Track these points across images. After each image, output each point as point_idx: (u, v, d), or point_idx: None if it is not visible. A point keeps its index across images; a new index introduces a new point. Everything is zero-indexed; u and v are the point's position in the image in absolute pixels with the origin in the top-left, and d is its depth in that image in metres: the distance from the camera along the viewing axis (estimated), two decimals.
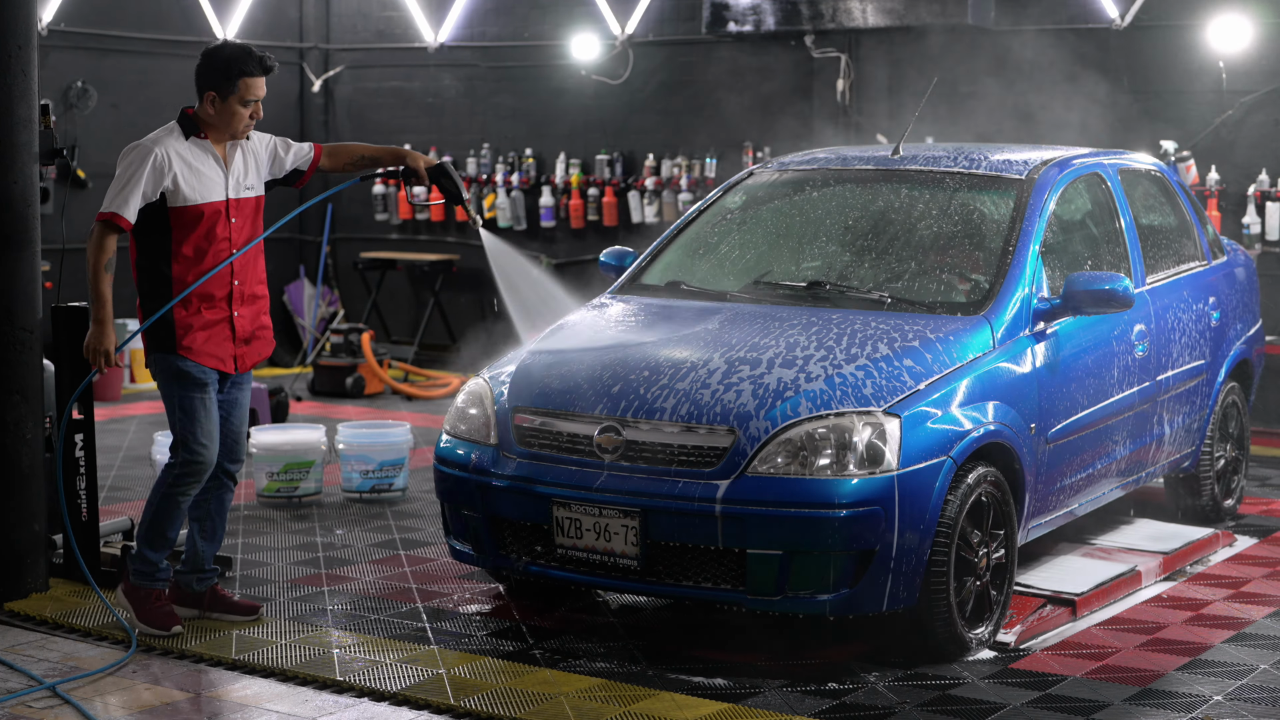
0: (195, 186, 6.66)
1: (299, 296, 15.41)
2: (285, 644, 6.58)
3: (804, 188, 7.97)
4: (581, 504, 6.41)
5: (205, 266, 6.69)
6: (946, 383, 6.48)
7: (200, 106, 6.72)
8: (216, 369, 6.66)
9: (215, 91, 6.67)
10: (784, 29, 12.87)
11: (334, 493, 9.45)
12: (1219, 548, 8.27)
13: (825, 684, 6.15)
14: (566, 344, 7.06)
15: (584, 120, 14.33)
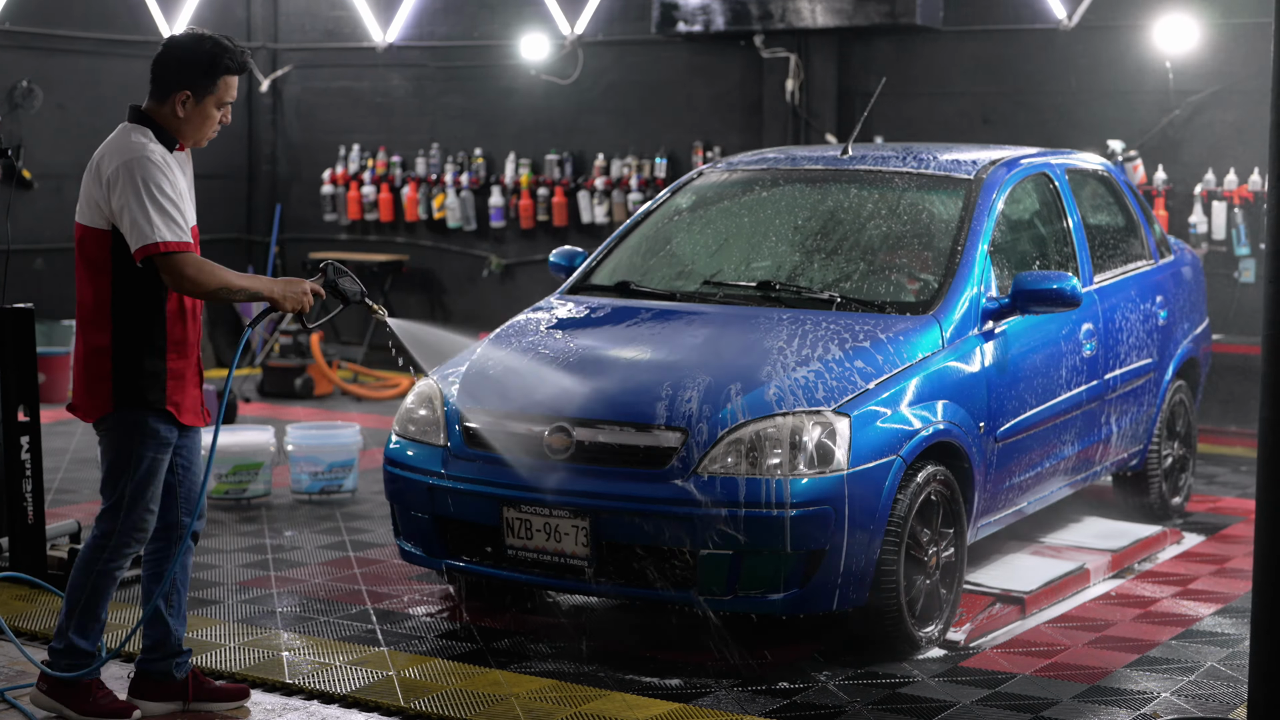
0: (185, 210, 5.56)
1: None
2: (233, 646, 6.55)
3: (753, 187, 7.98)
4: (531, 505, 6.40)
5: (188, 306, 5.67)
6: (896, 382, 6.50)
7: (164, 107, 5.61)
8: (192, 424, 5.75)
9: (190, 91, 5.60)
10: (733, 29, 12.89)
11: (283, 494, 9.41)
12: (1167, 545, 8.32)
13: (776, 683, 6.16)
14: (516, 345, 7.05)
15: (534, 120, 14.31)
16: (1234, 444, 11.19)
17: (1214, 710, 5.92)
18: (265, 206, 15.59)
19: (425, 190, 14.75)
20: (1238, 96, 11.58)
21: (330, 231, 15.41)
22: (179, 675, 5.85)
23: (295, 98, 15.57)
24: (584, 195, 13.87)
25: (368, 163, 15.05)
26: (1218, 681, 6.24)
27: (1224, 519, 8.97)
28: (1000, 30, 12.43)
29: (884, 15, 12.29)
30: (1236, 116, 11.58)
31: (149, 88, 5.66)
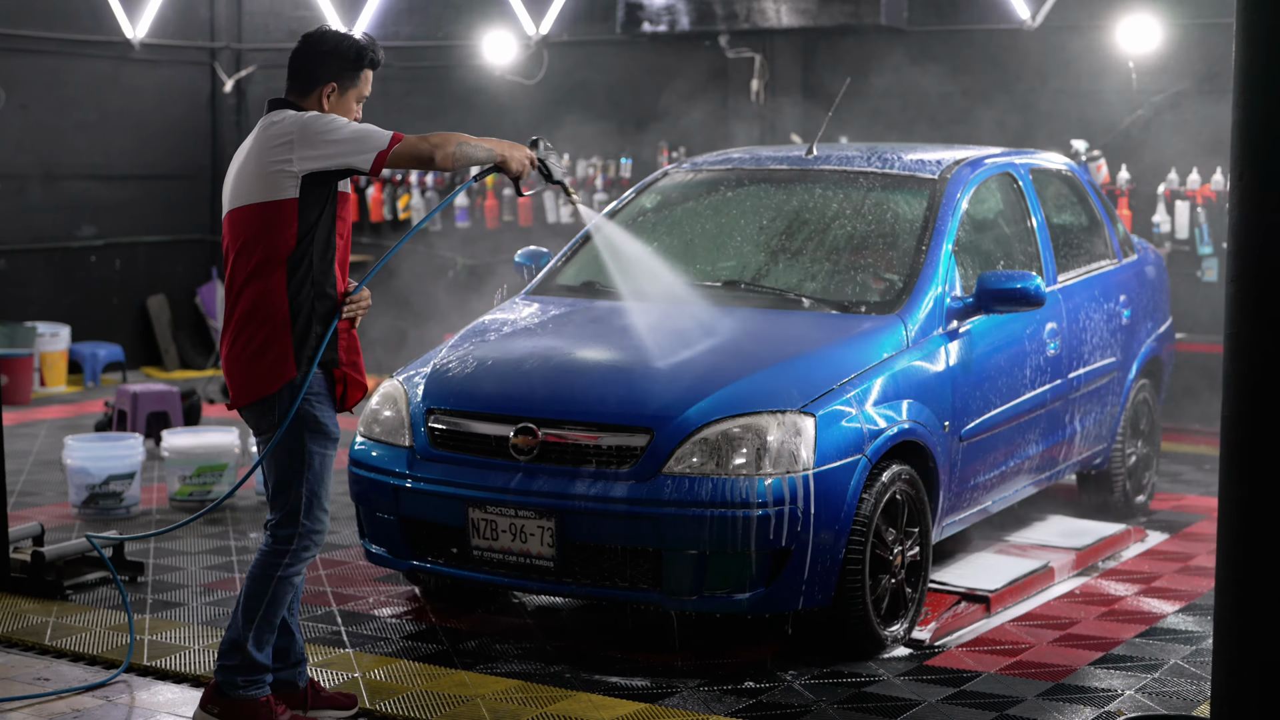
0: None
1: (212, 299, 15.28)
2: (198, 649, 6.52)
3: (719, 188, 7.98)
4: (497, 505, 6.39)
5: (340, 281, 5.67)
6: (861, 381, 6.50)
7: (307, 100, 5.63)
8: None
9: (336, 84, 5.66)
10: (698, 29, 12.89)
11: (248, 496, 9.37)
12: (1131, 543, 8.35)
13: (742, 683, 6.16)
14: (481, 345, 7.04)
15: (498, 120, 14.28)
16: (1197, 442, 11.24)
17: (1178, 707, 5.94)
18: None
19: (390, 191, 14.71)
20: (1200, 97, 11.63)
21: None
22: (300, 684, 5.77)
23: (259, 98, 15.51)
24: (549, 195, 13.85)
25: None
26: (1181, 679, 6.26)
27: (1187, 517, 9.01)
28: (964, 30, 12.47)
29: (848, 15, 12.31)
30: (1199, 116, 11.62)
31: (287, 83, 5.70)
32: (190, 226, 15.43)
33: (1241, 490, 4.07)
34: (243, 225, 5.46)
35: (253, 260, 5.44)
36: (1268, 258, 3.95)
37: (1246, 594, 4.06)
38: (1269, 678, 3.99)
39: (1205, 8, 11.49)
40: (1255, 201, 3.97)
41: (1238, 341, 4.05)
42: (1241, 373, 4.04)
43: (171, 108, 15.25)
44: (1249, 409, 4.02)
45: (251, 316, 5.45)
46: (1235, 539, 4.08)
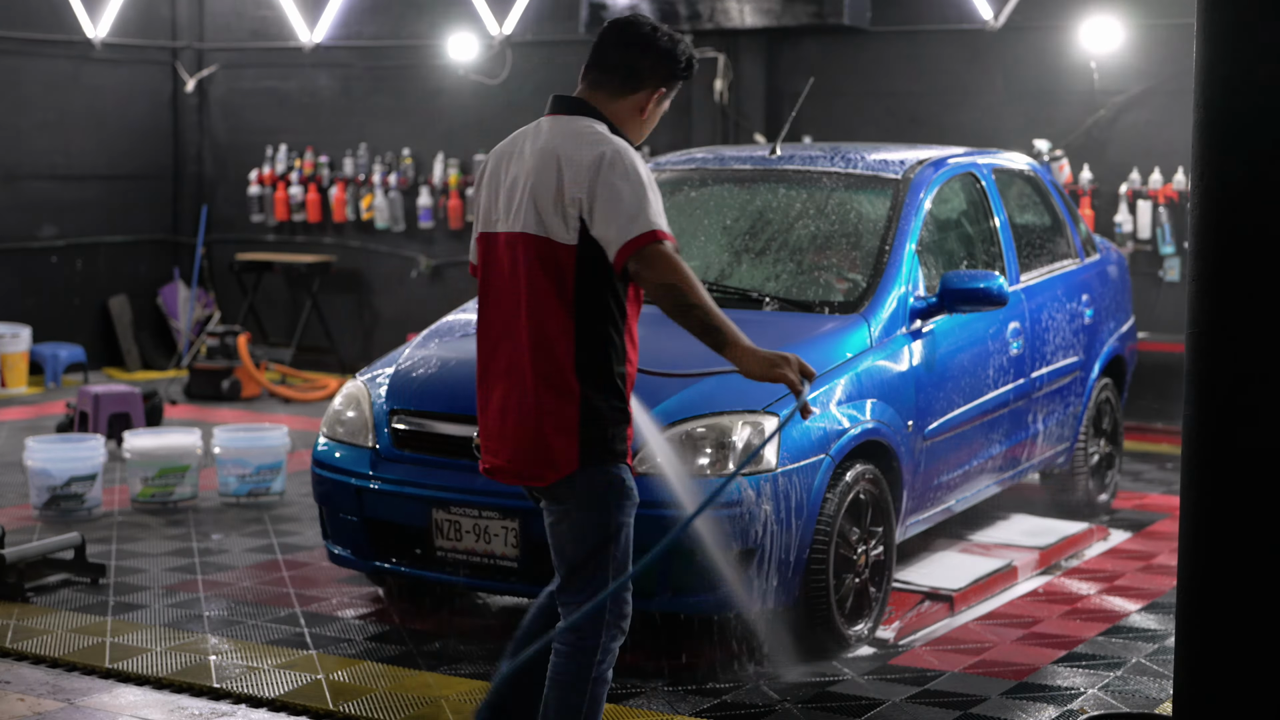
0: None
1: (174, 299, 15.22)
2: (160, 651, 6.49)
3: (682, 187, 7.98)
4: (461, 506, 6.38)
5: (632, 331, 4.85)
6: (824, 381, 6.51)
7: (626, 101, 4.85)
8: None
9: (665, 88, 4.87)
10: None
11: (210, 497, 9.34)
12: (1094, 542, 8.38)
13: (706, 683, 6.16)
14: (444, 345, 7.02)
15: (462, 120, 14.27)
16: (1160, 441, 11.28)
17: (1140, 705, 5.96)
18: (191, 208, 15.47)
19: (353, 191, 14.68)
20: (1162, 97, 11.68)
21: (257, 232, 15.31)
22: None
23: (221, 98, 15.46)
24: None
25: (295, 163, 14.96)
26: (1144, 677, 6.28)
27: (1150, 515, 9.04)
28: (927, 31, 12.49)
29: (812, 15, 12.32)
30: (1160, 116, 11.67)
31: (599, 77, 4.89)
32: (152, 227, 15.36)
33: (1203, 488, 4.08)
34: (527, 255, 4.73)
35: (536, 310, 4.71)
36: (1228, 257, 3.97)
37: (1208, 592, 4.07)
38: (1230, 676, 4.00)
39: (1166, 8, 11.54)
40: (1216, 201, 3.99)
41: (1199, 341, 4.06)
42: (1203, 372, 4.05)
43: (133, 107, 15.18)
44: (1210, 408, 4.03)
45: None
46: (1197, 537, 4.10)
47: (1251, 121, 3.91)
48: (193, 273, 15.03)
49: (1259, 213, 3.90)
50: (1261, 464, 3.93)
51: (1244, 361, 3.95)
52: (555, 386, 4.60)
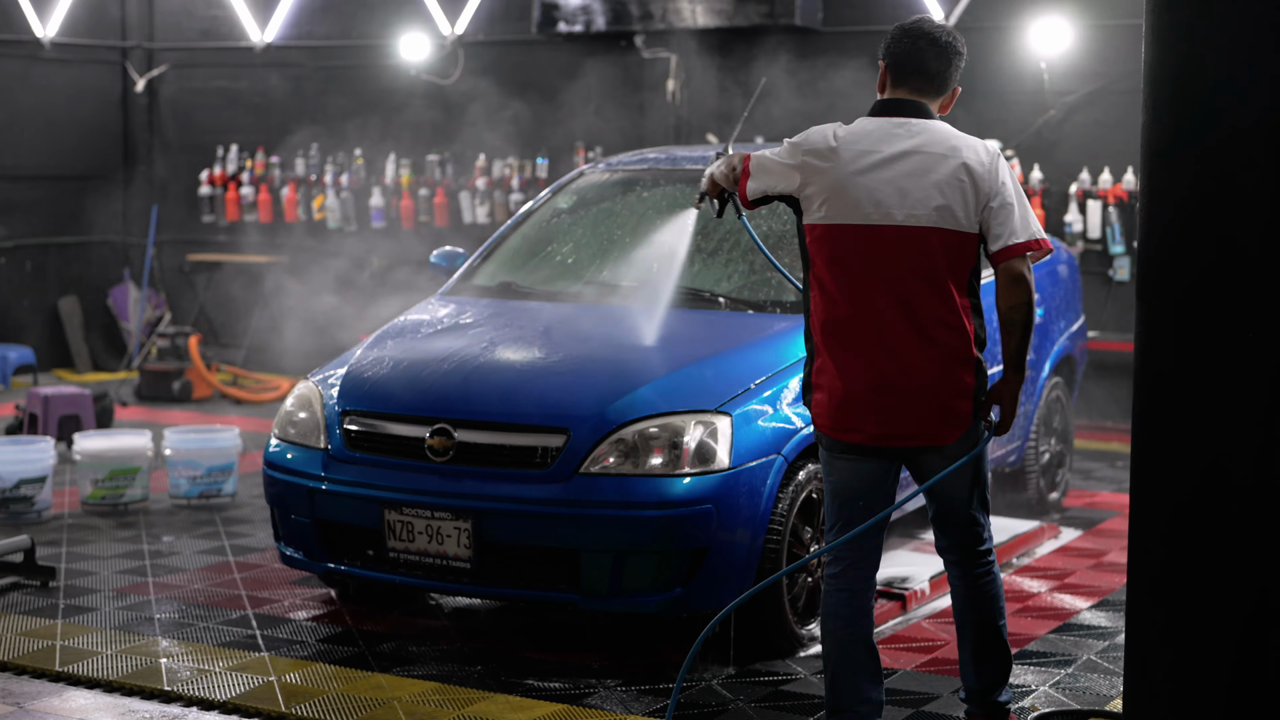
0: None
1: (124, 300, 15.14)
2: (111, 654, 6.45)
3: (635, 187, 7.99)
4: (413, 507, 6.36)
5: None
6: (777, 381, 6.52)
7: (943, 103, 5.31)
8: None
9: (960, 86, 5.38)
10: (614, 29, 12.89)
11: (161, 499, 9.30)
12: (1045, 540, 8.42)
13: (660, 683, 6.16)
14: (397, 346, 7.01)
15: (414, 120, 14.24)
16: (1110, 439, 11.34)
17: (1091, 703, 5.99)
18: (142, 208, 15.39)
19: (305, 191, 14.63)
20: (1111, 97, 11.74)
21: (209, 233, 15.24)
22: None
23: (172, 98, 15.39)
24: (465, 196, 13.81)
25: (246, 163, 14.90)
26: (1095, 674, 6.32)
27: (1100, 514, 9.09)
28: (879, 30, 12.42)
29: (764, 16, 12.34)
30: (1110, 117, 11.73)
31: (922, 83, 5.25)
32: (102, 227, 15.27)
33: (1152, 486, 4.10)
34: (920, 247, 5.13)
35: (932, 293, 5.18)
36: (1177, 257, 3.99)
37: (1158, 590, 4.09)
38: (1179, 673, 4.03)
39: (1115, 9, 11.60)
40: (1164, 201, 4.01)
41: (1148, 340, 4.09)
42: (1151, 370, 4.08)
43: (83, 107, 15.10)
44: (1159, 406, 4.06)
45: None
46: (1146, 535, 4.12)
47: (1199, 121, 3.93)
48: (143, 273, 14.96)
49: (1206, 211, 3.92)
50: (1209, 462, 3.95)
51: (1192, 360, 3.97)
52: (961, 359, 5.12)
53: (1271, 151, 3.83)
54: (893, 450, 5.20)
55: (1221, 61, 3.90)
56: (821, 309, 5.17)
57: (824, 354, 5.17)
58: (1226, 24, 3.89)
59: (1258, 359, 3.87)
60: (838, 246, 5.11)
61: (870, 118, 5.22)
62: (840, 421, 5.16)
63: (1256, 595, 3.90)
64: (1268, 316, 3.85)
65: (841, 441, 5.19)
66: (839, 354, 5.13)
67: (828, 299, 5.14)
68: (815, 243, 5.16)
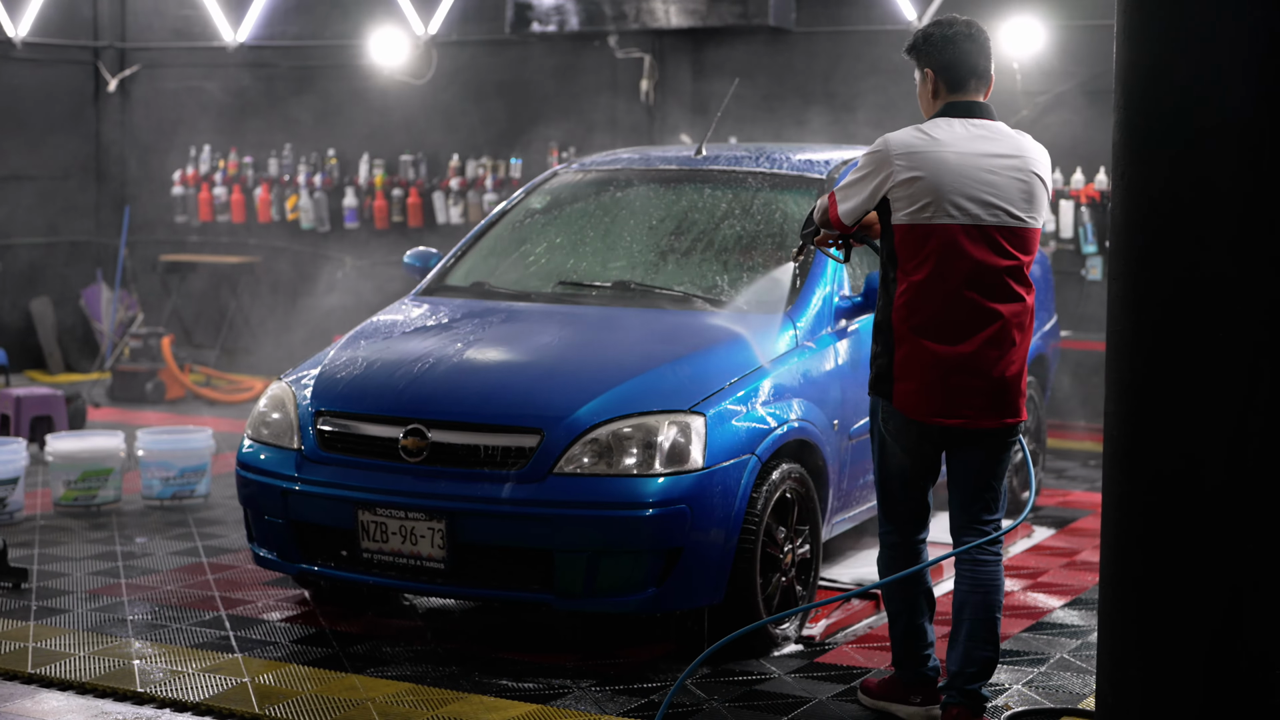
0: None
1: (96, 301, 15.09)
2: (83, 655, 6.44)
3: (608, 187, 7.99)
4: (387, 508, 6.36)
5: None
6: (750, 381, 6.53)
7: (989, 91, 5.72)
8: None
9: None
10: (588, 29, 12.89)
11: (134, 500, 9.27)
12: (1018, 539, 8.44)
13: (634, 683, 6.17)
14: (370, 346, 7.00)
15: (387, 120, 14.22)
16: (1082, 439, 11.38)
17: (1064, 701, 6.01)
18: (114, 208, 15.34)
19: (278, 191, 14.60)
20: (1083, 97, 11.77)
21: (181, 233, 15.20)
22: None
23: (144, 98, 15.34)
24: (439, 196, 13.80)
25: (219, 163, 14.86)
26: (1067, 673, 6.33)
27: (1073, 513, 9.11)
28: (852, 31, 12.54)
29: (737, 16, 12.35)
30: (1082, 117, 11.76)
31: (977, 84, 5.64)
32: (74, 228, 15.22)
33: (1124, 486, 4.12)
34: (1014, 243, 5.49)
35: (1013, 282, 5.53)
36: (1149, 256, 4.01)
37: (1129, 588, 4.11)
38: (1151, 672, 4.04)
39: (1087, 9, 11.63)
40: (1136, 200, 4.03)
41: (1120, 339, 4.10)
42: (1123, 370, 4.09)
43: (54, 107, 15.04)
44: (1131, 406, 4.07)
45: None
46: (1119, 534, 4.13)
47: (1170, 121, 3.95)
48: (115, 274, 14.92)
49: (1178, 211, 3.94)
50: (1181, 461, 3.97)
51: (1164, 360, 3.99)
52: (1021, 346, 5.50)
53: (1243, 150, 3.85)
54: (959, 431, 5.50)
55: (1192, 61, 3.91)
56: (913, 303, 5.43)
57: (909, 345, 5.44)
58: (1197, 23, 3.91)
59: (1229, 358, 3.89)
60: (935, 243, 5.39)
61: (946, 119, 5.51)
62: (926, 408, 5.45)
63: (1229, 594, 3.92)
64: (1239, 316, 3.87)
65: (923, 425, 5.49)
66: (929, 345, 5.42)
67: (920, 293, 5.42)
68: (912, 241, 5.43)
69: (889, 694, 5.85)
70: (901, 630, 5.79)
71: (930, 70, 5.59)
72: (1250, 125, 3.83)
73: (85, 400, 11.35)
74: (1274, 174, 3.82)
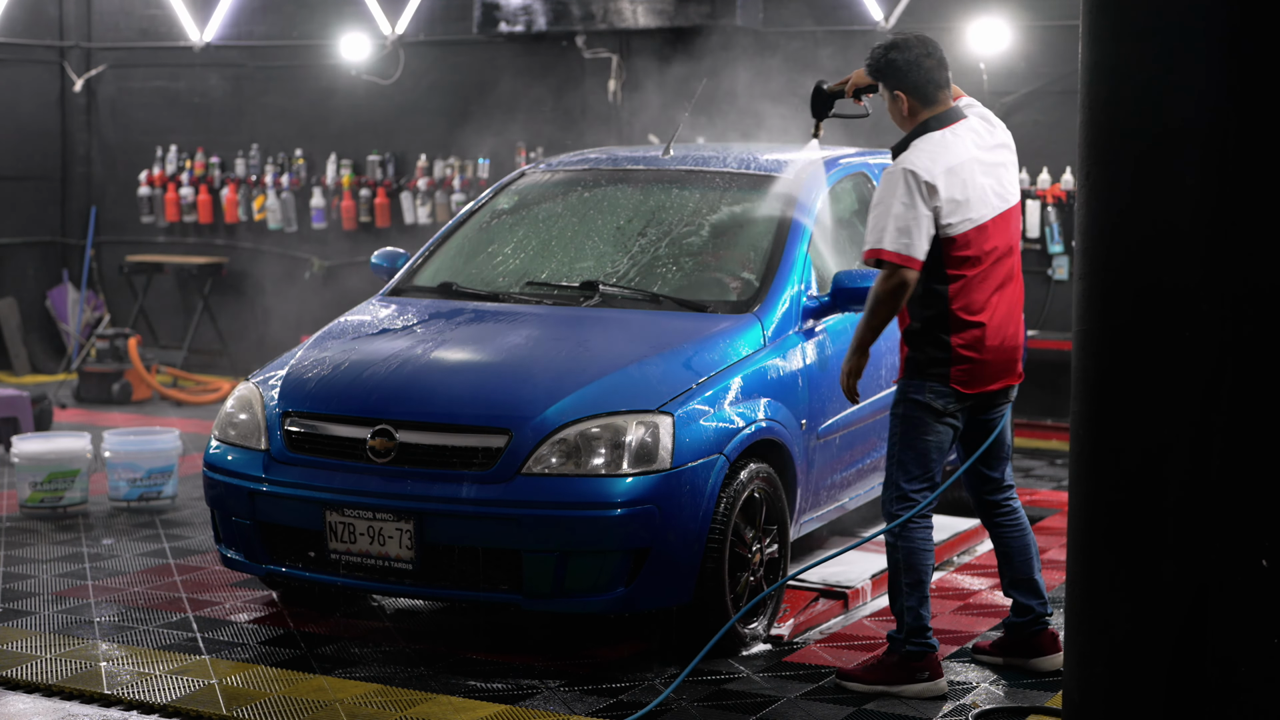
0: None
1: (63, 301, 15.03)
2: (50, 658, 6.41)
3: (576, 188, 7.98)
4: (355, 508, 6.35)
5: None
6: (718, 381, 6.53)
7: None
8: None
9: None
10: (555, 29, 12.88)
11: (101, 502, 9.24)
12: (985, 538, 8.45)
13: (602, 683, 6.17)
14: (338, 347, 6.98)
15: (355, 121, 14.19)
16: (1049, 438, 11.41)
17: (1031, 699, 6.03)
18: (80, 209, 15.28)
19: (245, 191, 14.56)
20: (1049, 98, 11.81)
21: (148, 234, 15.14)
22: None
23: (110, 98, 15.29)
24: (406, 196, 13.78)
25: (186, 164, 14.81)
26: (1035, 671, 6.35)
27: (1040, 511, 9.14)
28: (819, 31, 12.56)
29: (704, 16, 12.37)
30: (1048, 117, 11.80)
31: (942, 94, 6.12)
32: (40, 228, 15.15)
33: (1090, 484, 4.13)
34: (1016, 222, 6.18)
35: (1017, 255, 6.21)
36: (1114, 255, 4.02)
37: (1094, 586, 4.13)
38: (1116, 669, 4.06)
39: (1053, 10, 11.68)
40: (1101, 200, 4.04)
41: (1086, 339, 4.12)
42: (1090, 369, 4.11)
43: (20, 107, 14.98)
44: (1097, 405, 4.09)
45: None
46: (1085, 532, 4.15)
47: (1134, 121, 3.96)
48: (82, 275, 14.86)
49: (1143, 211, 3.95)
50: (1146, 459, 3.98)
51: (1130, 359, 4.00)
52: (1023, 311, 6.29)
53: (1207, 149, 3.87)
54: (996, 394, 6.19)
55: (1157, 61, 3.93)
56: (966, 294, 5.99)
57: (968, 331, 6.00)
58: (1160, 24, 3.92)
59: (1194, 358, 3.91)
60: (979, 238, 5.98)
61: (938, 132, 6.02)
62: (980, 381, 6.08)
63: (1194, 592, 3.94)
64: (1204, 315, 3.89)
65: (976, 396, 6.10)
66: (979, 327, 6.02)
67: (971, 286, 6.00)
68: (961, 245, 5.95)
69: (890, 677, 6.07)
70: (920, 598, 6.08)
71: (901, 93, 6.06)
72: (1214, 125, 3.85)
73: (52, 401, 11.30)
74: (1237, 173, 3.84)
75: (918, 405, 6.09)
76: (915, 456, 6.10)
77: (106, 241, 15.29)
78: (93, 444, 9.28)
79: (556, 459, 6.18)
